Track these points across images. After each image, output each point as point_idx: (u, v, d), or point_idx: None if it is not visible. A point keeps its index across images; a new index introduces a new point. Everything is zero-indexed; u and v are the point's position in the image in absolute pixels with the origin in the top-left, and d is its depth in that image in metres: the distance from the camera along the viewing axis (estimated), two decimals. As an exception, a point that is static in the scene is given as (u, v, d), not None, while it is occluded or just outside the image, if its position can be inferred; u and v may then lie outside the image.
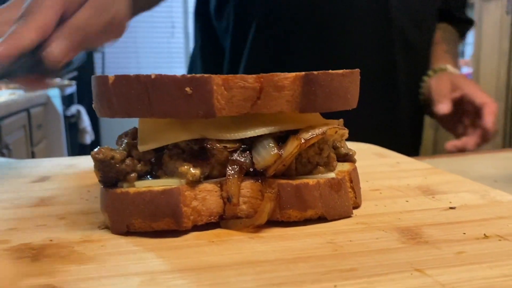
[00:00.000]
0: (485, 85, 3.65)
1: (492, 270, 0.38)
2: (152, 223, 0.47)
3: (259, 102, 0.47)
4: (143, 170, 0.50)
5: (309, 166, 0.52)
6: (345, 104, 0.50)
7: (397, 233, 0.46)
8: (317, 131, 0.50)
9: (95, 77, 0.48)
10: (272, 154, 0.48)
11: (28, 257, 0.42)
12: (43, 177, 0.75)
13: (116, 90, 0.46)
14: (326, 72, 0.48)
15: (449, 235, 0.46)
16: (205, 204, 0.49)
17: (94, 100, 0.50)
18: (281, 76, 0.47)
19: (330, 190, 0.51)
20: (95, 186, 0.68)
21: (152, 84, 0.45)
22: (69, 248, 0.44)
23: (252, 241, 0.46)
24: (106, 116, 0.48)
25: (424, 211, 0.53)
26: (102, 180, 0.50)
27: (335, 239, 0.45)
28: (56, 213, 0.56)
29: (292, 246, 0.44)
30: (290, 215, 0.50)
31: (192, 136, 0.49)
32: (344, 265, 0.39)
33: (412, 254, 0.41)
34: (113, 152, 0.50)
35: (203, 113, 0.46)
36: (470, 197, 0.58)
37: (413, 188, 0.63)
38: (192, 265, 0.40)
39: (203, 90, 0.45)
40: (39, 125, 2.73)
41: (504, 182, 0.75)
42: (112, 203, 0.49)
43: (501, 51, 3.48)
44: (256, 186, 0.50)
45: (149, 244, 0.45)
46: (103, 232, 0.49)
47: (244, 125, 0.50)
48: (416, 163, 0.79)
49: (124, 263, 0.41)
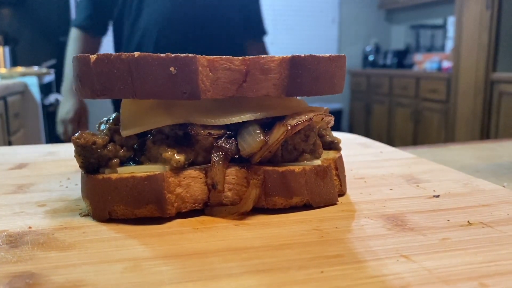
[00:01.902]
0: (464, 78, 3.71)
1: (476, 256, 0.38)
2: (135, 209, 0.46)
3: (245, 85, 0.46)
4: (126, 155, 0.49)
5: (295, 153, 0.51)
6: (331, 88, 0.50)
7: (382, 220, 0.46)
8: (303, 117, 0.49)
9: (76, 57, 0.47)
10: (258, 140, 0.48)
11: (6, 244, 0.41)
12: (21, 164, 0.73)
13: (98, 69, 0.45)
14: (313, 55, 0.48)
15: (433, 222, 0.46)
16: (190, 191, 0.48)
17: (75, 81, 0.48)
18: (268, 58, 0.46)
19: (316, 177, 0.51)
20: (75, 174, 0.66)
21: (135, 63, 0.44)
22: (48, 235, 0.43)
23: (237, 228, 0.45)
24: (87, 97, 0.46)
25: (408, 199, 0.54)
26: (83, 165, 0.49)
27: (321, 226, 0.45)
28: (35, 200, 0.54)
29: (278, 233, 0.44)
30: (276, 202, 0.49)
31: (176, 120, 0.48)
32: (331, 251, 0.39)
33: (398, 240, 0.41)
34: (95, 137, 0.48)
35: (188, 93, 0.44)
36: (454, 186, 0.59)
37: (397, 176, 0.63)
38: (176, 252, 0.39)
39: (188, 70, 0.44)
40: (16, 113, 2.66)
41: (486, 172, 0.76)
42: (94, 189, 0.47)
43: (480, 45, 3.54)
44: (241, 173, 0.49)
45: (132, 231, 0.44)
46: (84, 219, 0.48)
47: (230, 110, 0.49)
48: (400, 153, 0.79)
49: (106, 250, 0.40)
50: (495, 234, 0.43)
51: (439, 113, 4.07)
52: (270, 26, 5.17)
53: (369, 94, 5.18)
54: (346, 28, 5.51)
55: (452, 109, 3.87)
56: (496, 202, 0.52)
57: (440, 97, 4.05)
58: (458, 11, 3.79)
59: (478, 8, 3.56)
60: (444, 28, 4.99)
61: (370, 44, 5.57)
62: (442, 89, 4.02)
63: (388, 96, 4.83)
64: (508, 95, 3.33)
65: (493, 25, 3.42)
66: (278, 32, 5.22)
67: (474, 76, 3.61)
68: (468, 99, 3.68)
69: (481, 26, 3.53)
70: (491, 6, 3.42)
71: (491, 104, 3.47)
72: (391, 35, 5.75)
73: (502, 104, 3.38)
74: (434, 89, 4.14)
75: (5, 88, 2.48)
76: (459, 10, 3.77)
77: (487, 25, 3.47)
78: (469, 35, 3.66)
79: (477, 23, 3.57)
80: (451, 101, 3.89)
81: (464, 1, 3.71)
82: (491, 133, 3.47)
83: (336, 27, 5.46)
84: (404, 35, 5.56)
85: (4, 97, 2.47)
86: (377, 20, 5.66)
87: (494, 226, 0.45)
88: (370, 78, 5.15)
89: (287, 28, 5.25)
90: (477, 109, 3.59)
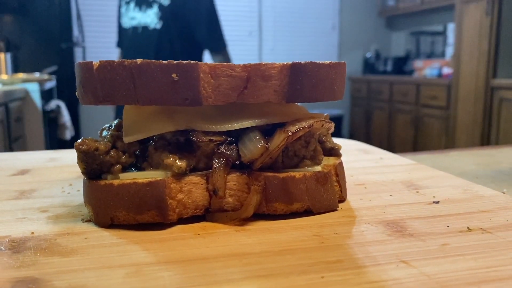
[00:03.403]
0: (465, 84, 3.72)
1: (475, 262, 0.38)
2: (137, 215, 0.47)
3: (246, 91, 0.47)
4: (128, 162, 0.49)
5: (296, 159, 0.51)
6: (331, 95, 0.50)
7: (382, 226, 0.47)
8: (303, 124, 0.50)
9: (79, 64, 0.47)
10: (258, 146, 0.48)
11: (8, 250, 0.41)
12: (23, 170, 0.74)
13: (101, 76, 0.45)
14: (313, 62, 0.48)
15: (433, 228, 0.46)
16: (191, 197, 0.49)
17: (78, 88, 0.49)
18: (268, 65, 0.47)
19: (316, 184, 0.51)
20: (77, 180, 0.67)
21: (138, 70, 0.44)
22: (51, 240, 0.43)
23: (238, 234, 0.45)
24: (90, 103, 0.47)
25: (408, 205, 0.54)
26: (85, 171, 0.50)
27: (321, 231, 0.45)
28: (37, 206, 0.55)
29: (279, 238, 0.44)
30: (276, 208, 0.49)
31: (178, 127, 0.49)
32: (331, 257, 0.39)
33: (398, 246, 0.42)
34: (97, 144, 0.49)
35: (190, 100, 0.45)
36: (453, 192, 0.59)
37: (397, 182, 0.64)
38: (178, 257, 0.39)
39: (189, 76, 0.44)
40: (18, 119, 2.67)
41: (486, 178, 0.76)
42: (96, 195, 0.48)
43: (480, 51, 3.55)
44: (242, 179, 0.50)
45: (133, 236, 0.45)
46: (86, 225, 0.48)
47: (231, 117, 0.50)
48: (400, 159, 0.80)
49: (108, 255, 0.40)
50: (495, 240, 0.43)
51: (439, 119, 4.08)
52: (271, 33, 5.20)
53: (369, 100, 5.19)
54: (347, 34, 5.53)
55: (452, 115, 3.88)
56: (495, 208, 0.52)
57: (440, 104, 4.06)
58: (458, 17, 3.81)
59: (478, 14, 3.58)
60: (444, 35, 5.01)
61: (370, 51, 5.59)
62: (442, 96, 4.03)
63: (388, 103, 4.84)
64: (508, 101, 3.33)
65: (493, 32, 3.44)
66: (279, 39, 5.24)
67: (474, 83, 3.62)
68: (469, 105, 3.69)
69: (481, 33, 3.55)
70: (491, 12, 3.43)
71: (492, 110, 3.47)
72: (391, 42, 5.77)
73: (503, 110, 3.38)
74: (434, 96, 4.15)
75: (7, 94, 2.49)
76: (459, 16, 3.79)
77: (487, 32, 3.49)
78: (469, 41, 3.68)
79: (477, 29, 3.58)
80: (451, 108, 3.89)
81: (464, 7, 3.72)
82: (491, 139, 3.47)
83: (337, 33, 5.48)
84: (404, 42, 5.59)
85: (5, 103, 2.48)
86: (377, 27, 5.68)
87: (494, 232, 0.45)
88: (371, 84, 5.17)
89: (288, 34, 5.27)
90: (477, 116, 3.60)
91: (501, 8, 3.40)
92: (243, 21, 5.11)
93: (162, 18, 2.25)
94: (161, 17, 2.25)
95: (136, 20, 2.28)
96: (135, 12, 2.29)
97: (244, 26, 5.12)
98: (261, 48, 5.20)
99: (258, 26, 5.16)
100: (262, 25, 5.17)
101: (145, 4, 2.27)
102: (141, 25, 2.27)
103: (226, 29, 5.30)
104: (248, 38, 5.15)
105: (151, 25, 2.26)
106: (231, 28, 5.06)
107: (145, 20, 2.26)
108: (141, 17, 2.27)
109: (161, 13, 2.24)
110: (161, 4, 2.25)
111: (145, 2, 2.27)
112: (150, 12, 2.26)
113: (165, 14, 2.25)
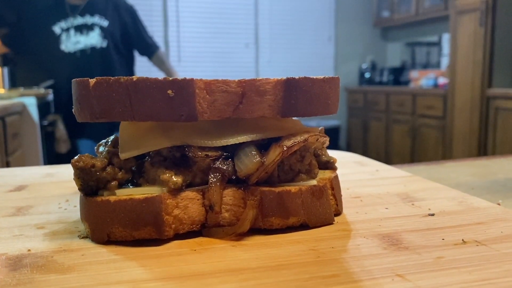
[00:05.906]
0: (460, 94, 3.74)
1: (470, 275, 0.38)
2: (133, 231, 0.47)
3: (241, 106, 0.47)
4: (124, 178, 0.50)
5: (291, 174, 0.52)
6: (325, 109, 0.51)
7: (378, 240, 0.47)
8: (298, 138, 0.50)
9: (76, 81, 0.48)
10: (254, 161, 0.49)
11: (5, 268, 0.41)
12: (20, 186, 0.74)
13: (97, 93, 0.46)
14: (307, 77, 0.49)
15: (428, 241, 0.46)
16: (187, 212, 0.49)
17: (74, 105, 0.49)
18: (263, 80, 0.47)
19: (312, 198, 0.51)
20: (73, 196, 0.67)
21: (134, 86, 0.45)
22: (47, 257, 0.43)
23: (234, 249, 0.45)
24: (86, 120, 0.47)
25: (404, 217, 0.54)
26: (82, 188, 0.50)
27: (317, 246, 0.46)
28: (34, 222, 0.55)
29: (275, 253, 0.44)
30: (273, 222, 0.50)
31: (174, 142, 0.49)
32: (327, 271, 0.40)
33: (393, 259, 0.42)
34: (94, 160, 0.49)
35: (185, 116, 0.45)
36: (448, 204, 0.59)
37: (392, 195, 0.64)
38: (174, 274, 0.40)
39: (185, 92, 0.45)
40: (15, 134, 2.67)
41: (481, 189, 0.76)
42: (93, 211, 0.48)
43: (475, 61, 3.58)
44: (238, 193, 0.50)
45: (130, 253, 0.45)
46: (83, 241, 0.48)
47: (226, 132, 0.50)
48: (395, 171, 0.80)
49: (105, 272, 0.40)
50: (489, 252, 0.43)
51: (436, 129, 4.09)
52: (267, 45, 5.23)
53: (366, 111, 5.22)
54: (342, 46, 5.57)
55: (449, 125, 3.90)
56: (490, 220, 0.52)
57: (436, 114, 4.08)
58: (452, 28, 3.85)
59: (472, 25, 3.62)
60: (439, 45, 5.05)
61: (366, 62, 5.62)
62: (438, 106, 4.06)
63: (385, 113, 4.86)
64: (504, 110, 3.36)
65: (487, 42, 3.47)
66: (276, 51, 5.27)
67: (470, 92, 3.64)
68: (465, 115, 3.71)
69: (475, 43, 3.58)
70: (485, 23, 3.47)
71: (488, 119, 3.49)
72: (387, 53, 5.81)
73: (499, 120, 3.40)
74: (430, 106, 4.17)
75: (4, 108, 2.49)
76: (454, 27, 3.82)
77: (481, 42, 3.52)
78: (464, 52, 3.71)
79: (472, 40, 3.62)
80: (447, 117, 3.91)
81: (458, 18, 3.76)
82: (488, 148, 3.49)
83: (333, 45, 5.52)
84: (400, 52, 5.63)
85: (2, 117, 2.48)
86: (373, 38, 5.72)
87: (488, 244, 0.45)
88: (367, 95, 5.19)
89: (285, 46, 5.30)
90: (473, 125, 3.61)
91: (495, 18, 3.44)
92: (240, 33, 5.14)
93: (106, 37, 2.74)
94: (104, 37, 2.74)
95: (82, 44, 2.72)
96: (77, 37, 2.72)
97: (240, 38, 5.15)
98: (258, 60, 5.23)
99: (254, 38, 5.19)
100: (258, 37, 5.20)
101: (85, 28, 2.72)
102: (88, 46, 2.72)
103: (223, 42, 5.30)
104: (244, 50, 5.18)
105: (97, 45, 2.72)
106: (227, 40, 5.10)
107: (91, 41, 2.72)
108: (86, 40, 2.72)
109: (103, 33, 2.73)
110: (101, 26, 2.74)
111: (85, 27, 2.72)
112: (93, 34, 2.72)
113: (107, 33, 2.74)
